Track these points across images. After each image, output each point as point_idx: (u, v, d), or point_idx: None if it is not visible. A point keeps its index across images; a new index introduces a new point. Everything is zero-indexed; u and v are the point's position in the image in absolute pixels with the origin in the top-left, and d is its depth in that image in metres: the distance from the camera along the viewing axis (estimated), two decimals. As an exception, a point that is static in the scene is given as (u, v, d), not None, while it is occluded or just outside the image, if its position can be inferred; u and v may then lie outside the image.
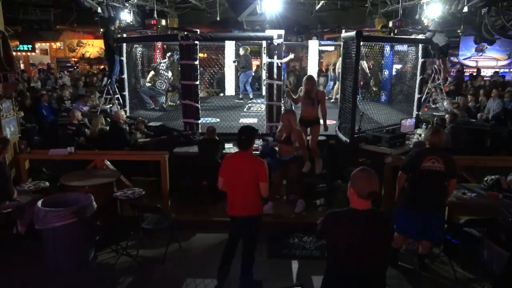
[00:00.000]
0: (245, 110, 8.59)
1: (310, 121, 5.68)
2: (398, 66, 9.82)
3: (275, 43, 5.87)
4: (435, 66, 8.86)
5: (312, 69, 10.92)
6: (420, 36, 7.69)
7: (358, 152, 5.90)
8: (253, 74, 10.36)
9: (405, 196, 3.97)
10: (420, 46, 7.09)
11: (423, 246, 4.08)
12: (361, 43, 5.66)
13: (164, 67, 8.61)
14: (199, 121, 6.29)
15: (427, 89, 9.10)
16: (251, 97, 10.09)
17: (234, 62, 10.21)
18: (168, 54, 8.96)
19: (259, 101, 9.63)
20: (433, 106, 9.50)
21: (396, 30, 7.37)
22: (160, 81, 8.53)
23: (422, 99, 7.94)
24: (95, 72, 15.65)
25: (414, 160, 3.84)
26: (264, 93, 7.27)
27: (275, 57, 5.95)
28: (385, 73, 9.65)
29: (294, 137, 4.93)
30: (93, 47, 18.10)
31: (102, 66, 16.49)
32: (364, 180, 2.38)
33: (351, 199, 2.42)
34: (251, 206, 3.60)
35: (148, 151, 6.01)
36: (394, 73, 9.96)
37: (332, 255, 2.54)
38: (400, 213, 3.96)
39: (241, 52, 10.02)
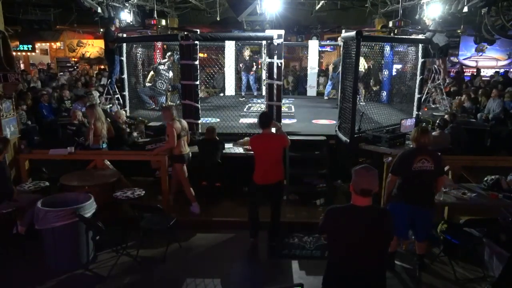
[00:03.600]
0: (245, 110, 8.58)
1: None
2: (398, 66, 9.82)
3: (275, 43, 5.87)
4: (435, 66, 8.85)
5: (312, 69, 11.01)
6: (420, 36, 7.68)
7: (358, 152, 5.90)
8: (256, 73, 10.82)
9: (394, 194, 3.91)
10: (420, 46, 7.08)
11: (418, 247, 4.08)
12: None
13: (165, 67, 8.60)
14: (199, 121, 6.29)
15: (427, 89, 9.10)
16: (255, 94, 10.51)
17: (243, 65, 10.64)
18: (168, 54, 8.95)
19: (259, 101, 9.64)
20: (433, 106, 9.51)
21: (396, 30, 7.37)
22: (160, 81, 8.52)
23: (422, 99, 7.94)
24: (95, 72, 15.63)
25: (404, 162, 3.79)
26: (264, 93, 7.27)
27: (275, 57, 5.95)
28: (385, 73, 9.65)
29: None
30: (93, 47, 18.10)
31: (102, 67, 16.47)
32: (361, 177, 2.39)
33: (352, 195, 2.43)
34: (280, 172, 4.42)
35: (148, 151, 6.00)
36: (394, 73, 9.96)
37: (333, 253, 2.54)
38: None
39: (246, 53, 10.34)
